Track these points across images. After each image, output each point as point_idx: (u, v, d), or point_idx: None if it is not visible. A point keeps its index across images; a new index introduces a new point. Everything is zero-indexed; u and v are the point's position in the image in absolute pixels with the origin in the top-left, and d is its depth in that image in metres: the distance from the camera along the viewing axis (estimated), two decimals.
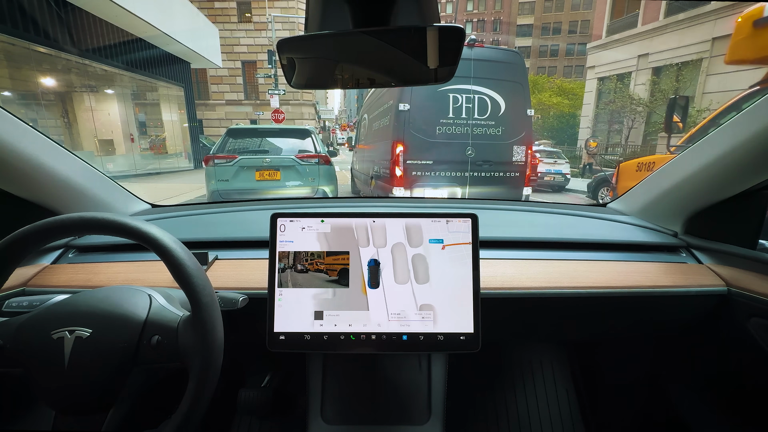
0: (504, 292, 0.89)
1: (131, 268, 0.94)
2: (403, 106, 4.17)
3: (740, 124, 0.84)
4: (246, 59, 20.82)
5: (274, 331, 0.76)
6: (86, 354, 0.58)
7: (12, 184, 0.91)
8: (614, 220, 1.18)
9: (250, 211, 1.27)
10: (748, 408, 1.01)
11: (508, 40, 43.53)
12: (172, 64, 12.80)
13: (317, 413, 0.90)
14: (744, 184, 0.90)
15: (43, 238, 0.60)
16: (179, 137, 14.53)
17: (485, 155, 4.35)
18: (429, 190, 4.38)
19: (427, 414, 0.90)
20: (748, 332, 0.90)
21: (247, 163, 4.98)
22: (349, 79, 0.64)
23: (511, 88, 4.32)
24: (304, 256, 0.78)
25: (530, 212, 1.27)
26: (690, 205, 1.04)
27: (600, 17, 17.13)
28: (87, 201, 1.04)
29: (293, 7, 20.22)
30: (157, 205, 1.30)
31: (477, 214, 0.79)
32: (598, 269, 0.96)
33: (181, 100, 14.22)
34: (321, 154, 5.22)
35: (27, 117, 0.95)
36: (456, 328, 0.76)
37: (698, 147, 0.96)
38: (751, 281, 0.89)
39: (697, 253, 1.05)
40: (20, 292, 0.86)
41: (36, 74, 8.21)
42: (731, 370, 1.04)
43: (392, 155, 4.30)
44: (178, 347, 0.60)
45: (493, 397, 1.43)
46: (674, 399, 1.17)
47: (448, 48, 0.57)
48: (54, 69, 8.57)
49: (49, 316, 0.61)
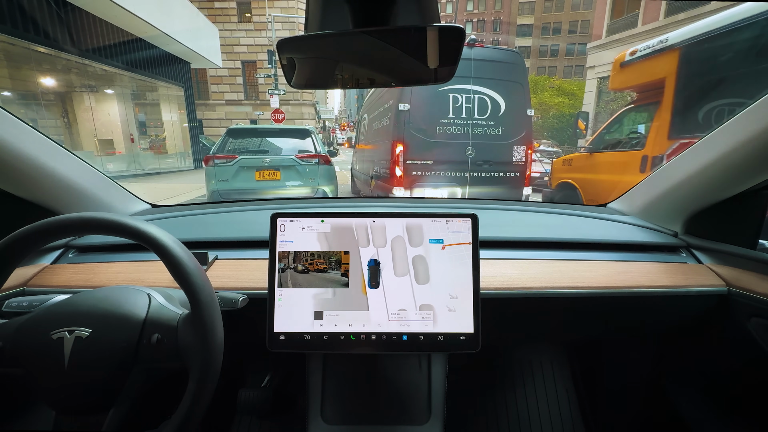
0: (504, 292, 0.89)
1: (131, 268, 0.94)
2: (403, 106, 4.16)
3: (740, 125, 0.83)
4: (246, 59, 20.82)
5: (274, 331, 0.76)
6: (86, 354, 0.58)
7: (12, 184, 0.91)
8: (614, 220, 1.18)
9: (250, 211, 1.27)
10: (748, 408, 1.01)
11: (508, 40, 43.54)
12: (172, 64, 12.80)
13: (317, 413, 0.90)
14: (744, 184, 0.90)
15: (43, 238, 0.60)
16: (179, 137, 14.53)
17: (485, 155, 4.34)
18: (429, 190, 4.38)
19: (427, 414, 0.90)
20: (748, 332, 0.90)
21: (247, 163, 4.97)
22: (350, 79, 0.64)
23: (511, 88, 4.32)
24: (303, 256, 0.78)
25: (530, 212, 1.27)
26: (690, 205, 1.04)
27: (600, 17, 17.13)
28: (87, 201, 1.04)
29: (293, 7, 20.22)
30: (157, 205, 1.30)
31: (477, 214, 0.79)
32: (598, 269, 0.96)
33: (181, 100, 14.22)
34: (321, 154, 5.22)
35: (27, 117, 0.95)
36: (456, 328, 0.76)
37: (698, 147, 0.96)
38: (751, 281, 0.89)
39: (697, 253, 1.05)
40: (20, 292, 0.86)
41: (36, 74, 8.21)
42: (731, 370, 1.04)
43: (392, 155, 4.30)
44: (178, 345, 0.61)
45: (493, 397, 1.43)
46: (674, 399, 1.17)
47: (449, 48, 0.57)
48: (54, 69, 8.58)
49: (48, 317, 0.61)
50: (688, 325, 1.06)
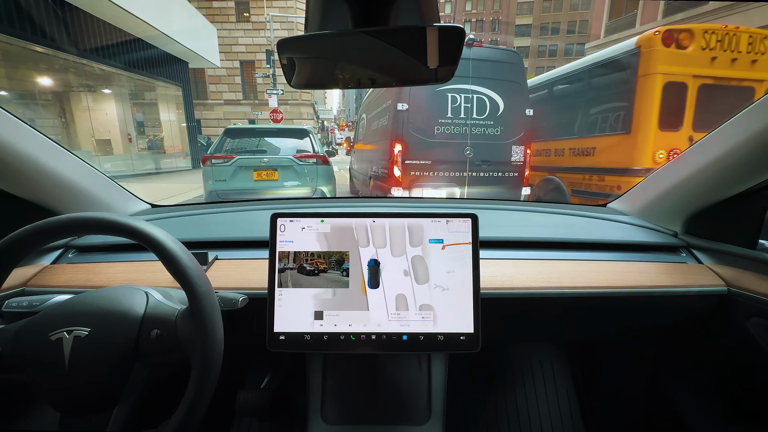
0: (504, 292, 0.89)
1: (131, 268, 0.94)
2: (402, 105, 4.16)
3: (740, 124, 0.84)
4: (244, 59, 20.81)
5: (274, 331, 0.76)
6: (86, 353, 0.58)
7: (12, 184, 0.90)
8: (614, 220, 1.19)
9: (250, 211, 1.27)
10: (748, 408, 1.01)
11: (506, 40, 43.57)
12: (170, 63, 12.78)
13: (317, 413, 0.90)
14: (744, 184, 0.90)
15: (43, 238, 0.60)
16: (177, 137, 14.49)
17: (484, 155, 4.34)
18: (427, 190, 4.38)
19: (427, 414, 0.90)
20: (748, 332, 0.90)
21: (245, 163, 4.96)
22: (350, 79, 0.64)
23: (510, 87, 4.32)
24: (303, 256, 0.78)
25: (530, 212, 1.27)
26: (690, 205, 1.04)
27: (598, 17, 17.13)
28: (87, 201, 1.03)
29: (291, 7, 20.21)
30: (157, 205, 1.30)
31: (477, 214, 0.79)
32: (598, 269, 0.96)
33: (179, 99, 14.20)
34: (319, 154, 5.21)
35: (24, 117, 0.94)
36: (456, 328, 0.76)
37: (698, 147, 0.96)
38: (751, 281, 0.89)
39: (697, 253, 1.05)
40: (20, 292, 0.86)
41: (33, 74, 8.19)
42: (731, 370, 1.04)
43: (390, 155, 4.29)
44: (178, 339, 0.61)
45: (493, 397, 1.43)
46: (674, 399, 1.17)
47: (449, 48, 0.57)
48: (51, 68, 8.55)
49: (45, 319, 0.61)
50: (688, 325, 1.06)
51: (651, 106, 3.78)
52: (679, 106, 3.79)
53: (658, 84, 3.74)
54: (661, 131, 3.83)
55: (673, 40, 3.71)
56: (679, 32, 3.70)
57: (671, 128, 3.84)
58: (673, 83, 3.75)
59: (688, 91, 3.78)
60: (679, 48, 3.73)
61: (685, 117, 3.83)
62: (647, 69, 3.81)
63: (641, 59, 3.88)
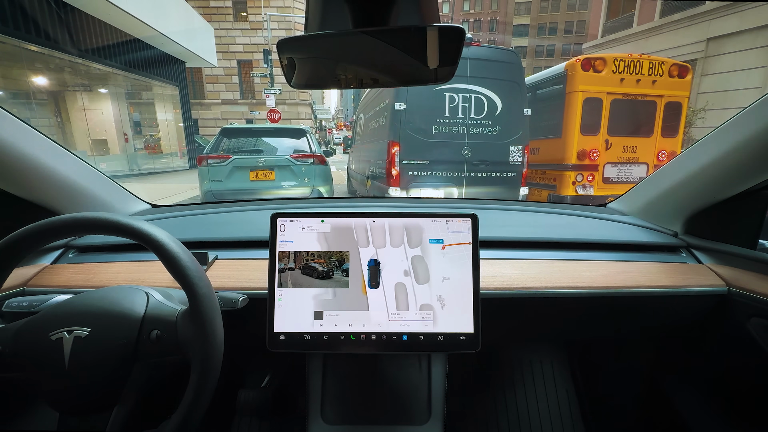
0: (504, 292, 0.89)
1: (131, 268, 0.93)
2: (399, 105, 4.15)
3: (740, 124, 0.84)
4: (242, 58, 20.73)
5: (274, 331, 0.76)
6: (86, 353, 0.58)
7: (12, 184, 0.90)
8: (614, 220, 1.19)
9: (250, 211, 1.27)
10: (748, 408, 1.01)
11: (504, 40, 43.64)
12: (167, 63, 12.73)
13: (317, 413, 0.90)
14: (744, 184, 0.90)
15: (43, 238, 0.59)
16: (174, 137, 14.44)
17: (482, 155, 4.33)
18: (425, 190, 4.37)
19: (427, 414, 0.90)
20: (748, 332, 0.90)
21: (241, 163, 4.93)
22: (350, 79, 0.64)
23: (508, 87, 4.32)
24: (303, 256, 0.78)
25: (530, 212, 1.28)
26: (690, 205, 1.04)
27: (596, 17, 17.17)
28: (87, 201, 1.03)
29: (289, 6, 20.13)
30: (157, 205, 1.29)
31: (477, 214, 0.79)
32: (598, 269, 0.96)
33: (176, 99, 14.15)
34: (316, 154, 5.19)
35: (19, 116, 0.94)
36: (456, 328, 0.76)
37: (698, 147, 0.96)
38: (751, 281, 0.89)
39: (697, 253, 1.05)
40: (20, 292, 0.86)
41: (28, 73, 8.12)
42: (731, 370, 1.04)
43: (388, 155, 4.28)
44: (179, 340, 0.61)
45: (493, 397, 1.43)
46: (674, 399, 1.17)
47: (449, 48, 0.57)
48: (47, 68, 8.50)
49: (46, 319, 0.61)
50: (688, 325, 1.06)
51: (575, 115, 4.92)
52: (596, 116, 4.96)
53: (579, 99, 4.86)
54: (582, 135, 4.97)
55: (590, 65, 4.81)
56: (595, 60, 4.82)
57: (591, 133, 4.99)
58: (592, 98, 4.89)
59: (603, 105, 4.93)
60: (595, 72, 4.82)
61: (602, 124, 4.98)
62: (572, 87, 4.94)
63: (568, 80, 5.00)
